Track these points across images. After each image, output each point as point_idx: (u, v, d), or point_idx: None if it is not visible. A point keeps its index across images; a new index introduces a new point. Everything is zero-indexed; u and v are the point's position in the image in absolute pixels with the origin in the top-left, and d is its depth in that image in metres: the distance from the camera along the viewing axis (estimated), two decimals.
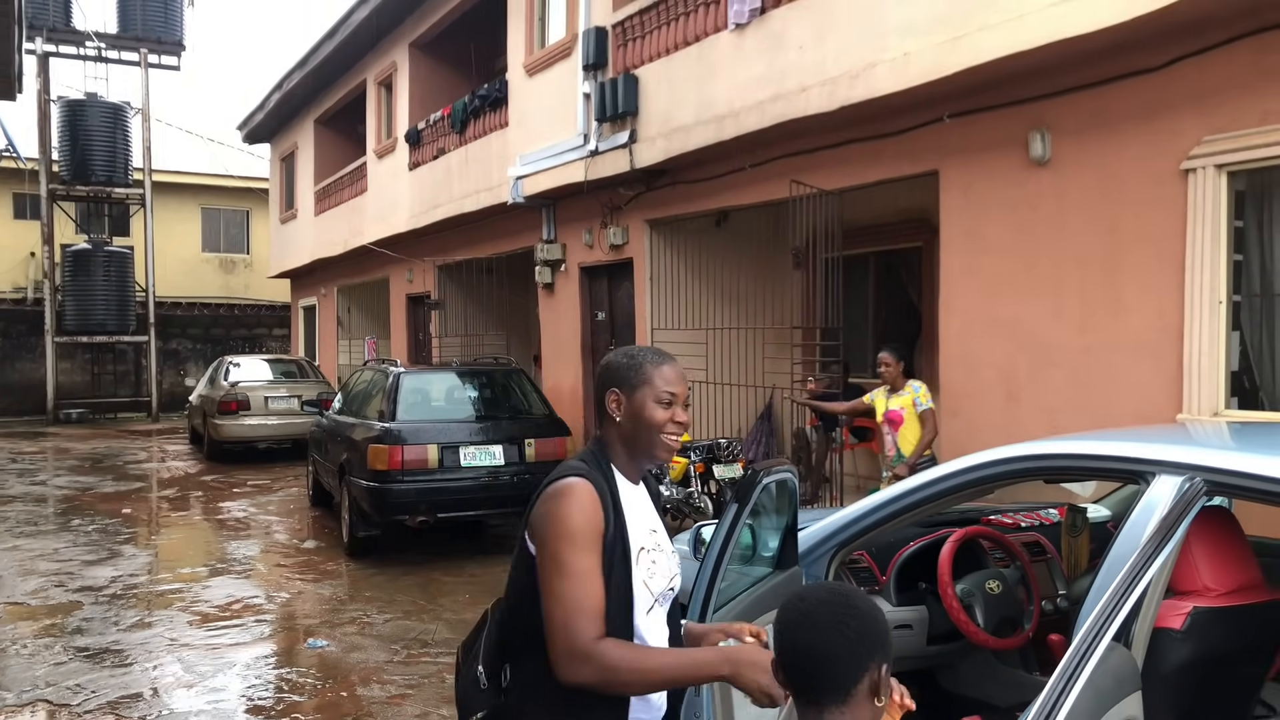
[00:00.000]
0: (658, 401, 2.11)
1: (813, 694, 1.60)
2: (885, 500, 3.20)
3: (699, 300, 10.41)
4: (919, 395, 6.70)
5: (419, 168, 15.06)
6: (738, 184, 9.00)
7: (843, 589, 1.66)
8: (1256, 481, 2.30)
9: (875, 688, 1.60)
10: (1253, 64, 5.19)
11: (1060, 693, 1.83)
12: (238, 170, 28.23)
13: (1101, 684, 1.99)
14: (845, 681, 1.58)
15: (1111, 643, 2.11)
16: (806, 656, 1.59)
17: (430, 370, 10.33)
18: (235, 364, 16.29)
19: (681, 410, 2.13)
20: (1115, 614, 1.95)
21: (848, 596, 1.63)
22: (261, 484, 13.02)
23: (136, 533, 9.98)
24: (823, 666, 1.58)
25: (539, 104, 11.64)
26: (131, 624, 6.70)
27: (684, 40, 9.15)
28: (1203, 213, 5.41)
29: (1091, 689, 1.94)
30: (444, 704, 5.20)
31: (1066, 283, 6.19)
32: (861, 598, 1.65)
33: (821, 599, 1.63)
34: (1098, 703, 1.97)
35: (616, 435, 2.15)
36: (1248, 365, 5.57)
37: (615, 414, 2.13)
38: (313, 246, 20.17)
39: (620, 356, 2.18)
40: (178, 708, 5.21)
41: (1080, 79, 6.01)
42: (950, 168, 7.00)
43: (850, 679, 1.58)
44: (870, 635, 1.60)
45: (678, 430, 2.13)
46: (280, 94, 19.80)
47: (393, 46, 15.91)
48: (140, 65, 22.93)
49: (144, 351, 23.60)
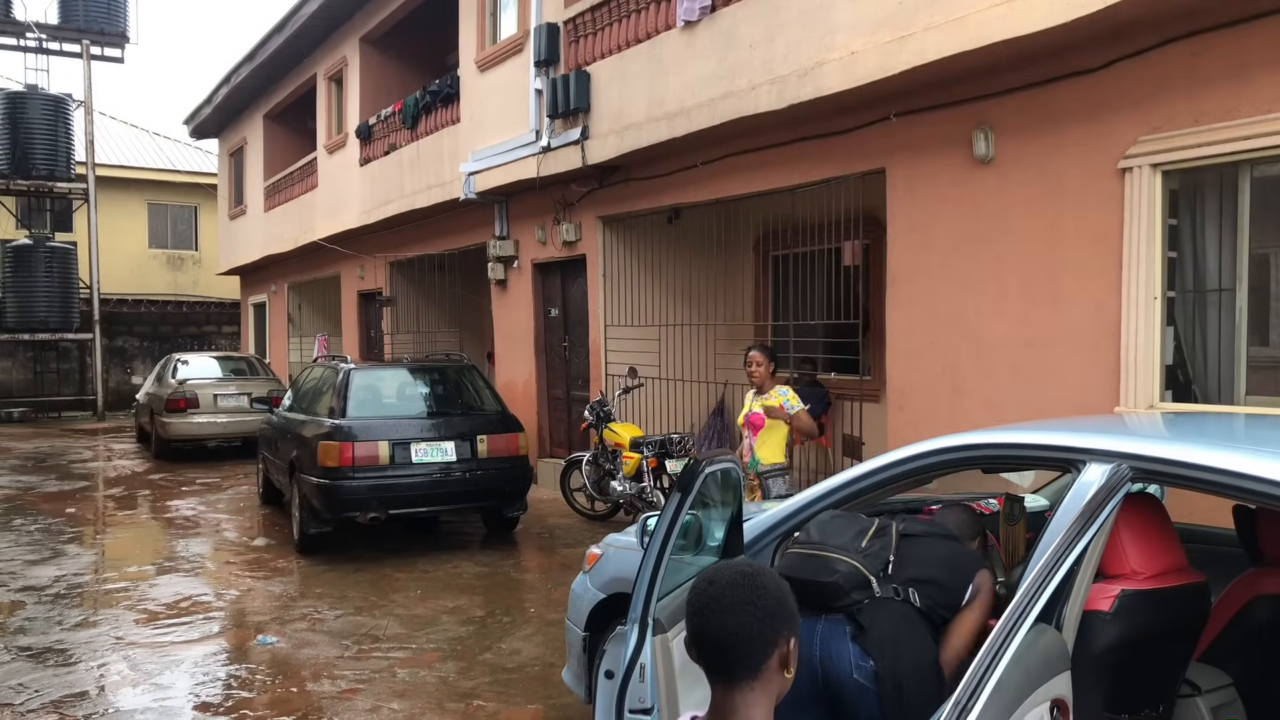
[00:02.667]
0: None
1: (725, 672, 1.65)
2: (828, 490, 3.27)
3: (652, 297, 10.46)
4: (787, 399, 6.53)
5: (370, 163, 14.95)
6: (690, 181, 9.06)
7: (750, 569, 1.70)
8: (1177, 468, 2.40)
9: (785, 660, 1.65)
10: (1186, 66, 5.34)
11: (985, 671, 1.89)
12: (185, 165, 27.85)
13: (1031, 663, 2.07)
14: (756, 659, 1.63)
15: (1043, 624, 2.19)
16: (718, 638, 1.64)
17: (382, 367, 10.28)
18: (183, 361, 16.07)
19: None
20: (1039, 596, 2.02)
21: (755, 576, 1.68)
22: (211, 482, 12.87)
23: (81, 532, 9.82)
24: (734, 647, 1.63)
25: (491, 100, 11.62)
26: (76, 623, 6.61)
27: (636, 37, 9.19)
28: (1139, 211, 5.56)
29: (1021, 668, 2.01)
30: (395, 698, 5.20)
31: (1009, 279, 6.32)
32: (769, 576, 1.70)
33: (730, 581, 1.67)
34: (1026, 681, 2.04)
35: None
36: (1181, 359, 5.73)
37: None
38: (263, 243, 19.94)
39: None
40: (124, 706, 5.16)
41: (1022, 79, 6.14)
42: (897, 166, 7.11)
43: (761, 656, 1.63)
44: (779, 612, 1.65)
45: None
46: (228, 88, 19.54)
47: (343, 41, 15.78)
48: (82, 57, 22.51)
49: (89, 349, 23.18)
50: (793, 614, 1.66)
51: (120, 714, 5.05)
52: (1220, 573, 3.06)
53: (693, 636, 1.69)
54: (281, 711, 5.07)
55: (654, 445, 8.86)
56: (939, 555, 3.05)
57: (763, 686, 1.65)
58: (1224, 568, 3.17)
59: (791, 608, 1.67)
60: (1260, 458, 2.35)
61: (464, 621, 6.57)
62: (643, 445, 8.89)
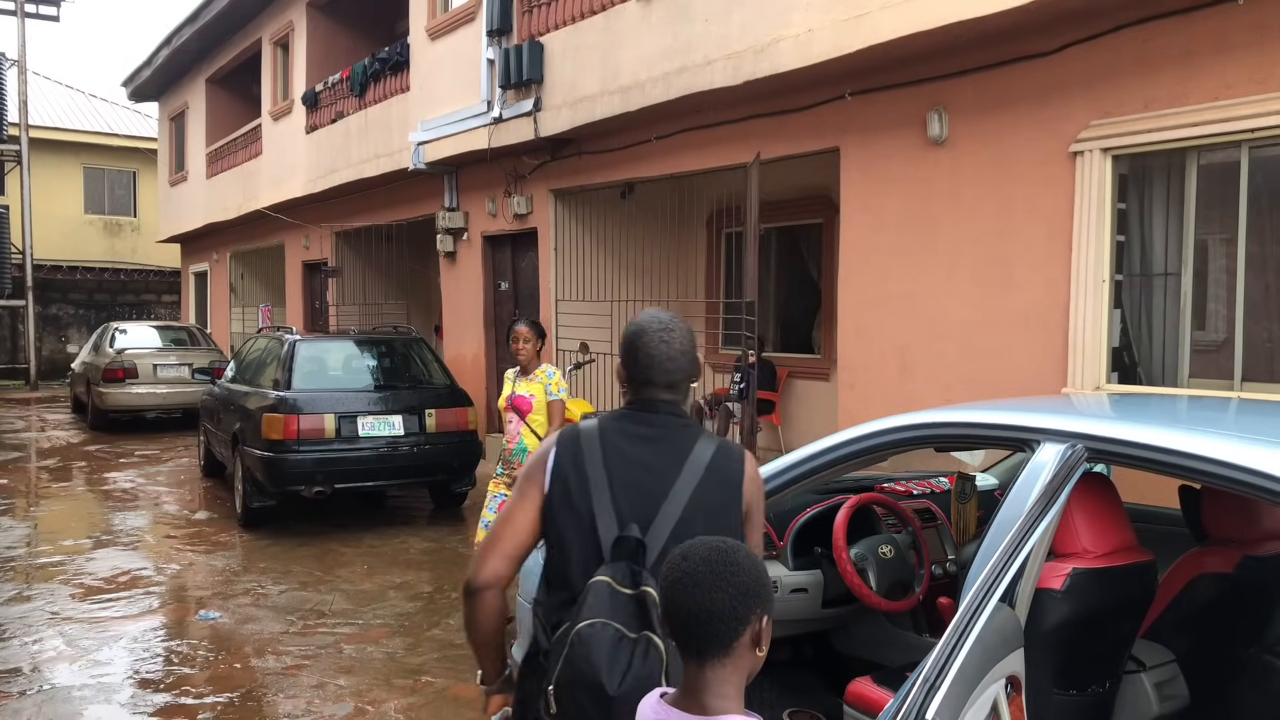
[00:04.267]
0: None
1: (697, 648, 1.63)
2: (782, 468, 3.26)
3: (604, 272, 10.40)
4: (551, 384, 5.92)
5: (316, 131, 14.66)
6: (644, 155, 9.00)
7: (723, 545, 1.68)
8: (1131, 448, 2.42)
9: (757, 638, 1.64)
10: (1137, 52, 5.40)
11: (951, 650, 1.90)
12: (123, 129, 27.09)
13: (989, 641, 2.08)
14: (728, 636, 1.62)
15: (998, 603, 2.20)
16: (691, 614, 1.62)
17: (328, 338, 10.12)
18: (122, 330, 15.72)
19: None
20: (1002, 575, 2.03)
21: (728, 552, 1.66)
22: (150, 454, 12.61)
23: (13, 504, 9.57)
24: (706, 623, 1.61)
25: (442, 69, 11.42)
26: (9, 597, 6.44)
27: (590, 9, 9.08)
28: (1089, 194, 5.62)
29: (979, 646, 2.02)
30: (341, 674, 5.14)
31: (960, 259, 6.37)
32: (742, 552, 1.68)
33: (703, 557, 1.65)
34: (985, 659, 2.05)
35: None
36: (1128, 342, 5.83)
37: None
38: (204, 210, 19.50)
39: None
40: (60, 682, 5.04)
41: (977, 60, 6.17)
42: (851, 145, 7.12)
43: (733, 633, 1.62)
44: (751, 589, 1.63)
45: None
46: (169, 50, 19.02)
47: (289, 5, 15.41)
48: (16, 15, 21.79)
49: (20, 316, 22.55)
50: (766, 591, 1.65)
51: (57, 690, 4.93)
52: (1165, 551, 3.11)
53: (664, 611, 1.68)
54: (224, 688, 4.99)
55: None
56: None
57: (734, 664, 1.64)
58: (1168, 546, 3.22)
59: (766, 585, 1.65)
60: (1209, 438, 2.39)
61: (411, 597, 6.51)
62: None
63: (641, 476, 2.10)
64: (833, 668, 3.86)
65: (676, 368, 2.16)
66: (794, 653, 3.96)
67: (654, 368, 2.14)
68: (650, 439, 2.15)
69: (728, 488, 2.11)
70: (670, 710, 1.66)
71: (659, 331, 2.17)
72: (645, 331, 2.18)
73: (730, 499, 2.11)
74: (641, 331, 2.19)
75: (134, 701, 4.84)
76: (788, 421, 9.82)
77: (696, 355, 2.23)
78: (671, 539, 2.00)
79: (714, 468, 2.11)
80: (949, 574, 3.79)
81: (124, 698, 4.87)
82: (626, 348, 2.22)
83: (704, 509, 2.06)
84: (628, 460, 2.11)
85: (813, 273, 10.10)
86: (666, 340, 2.16)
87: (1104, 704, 2.84)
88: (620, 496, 2.07)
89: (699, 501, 2.06)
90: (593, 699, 1.88)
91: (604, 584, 1.96)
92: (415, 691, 4.95)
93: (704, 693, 1.63)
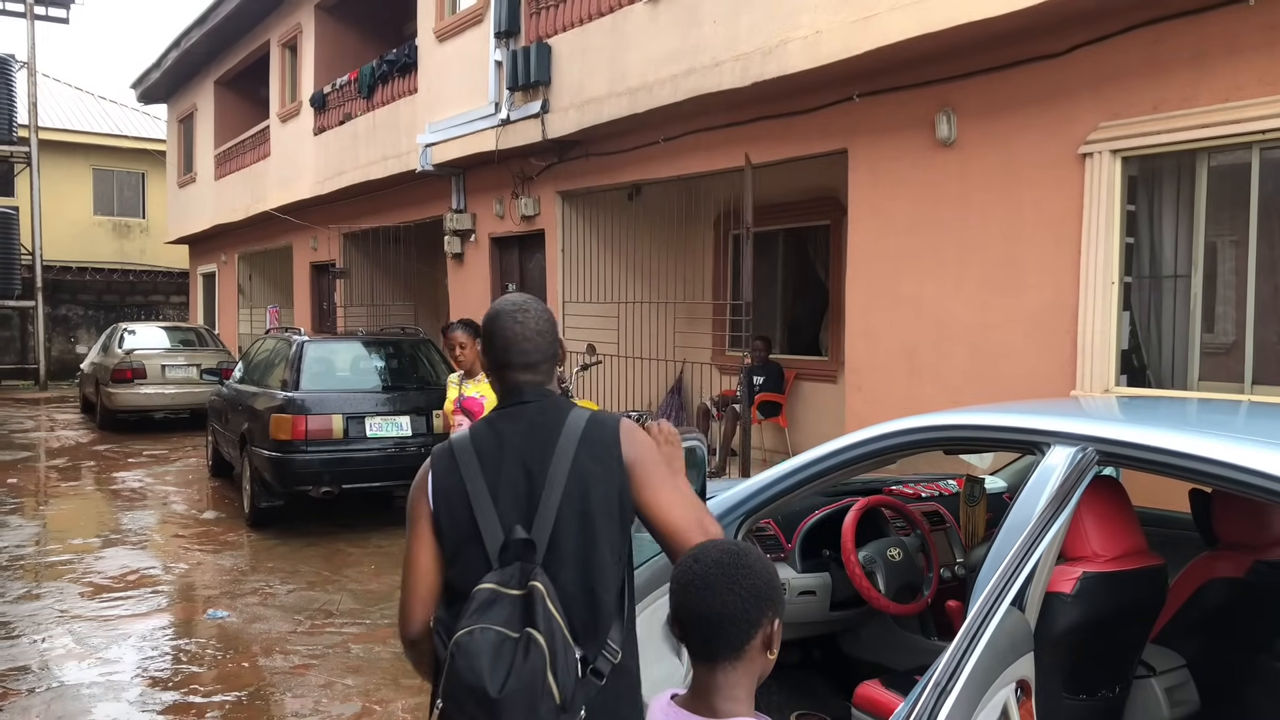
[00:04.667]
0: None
1: (707, 651, 1.63)
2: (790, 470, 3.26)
3: (611, 273, 10.40)
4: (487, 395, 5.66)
5: (324, 133, 14.69)
6: (651, 157, 9.00)
7: (736, 548, 1.68)
8: (1143, 451, 2.40)
9: (768, 641, 1.64)
10: (1147, 53, 5.38)
11: (962, 655, 1.89)
12: (132, 131, 27.17)
13: (998, 645, 2.07)
14: (740, 639, 1.62)
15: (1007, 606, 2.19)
16: (702, 617, 1.62)
17: (335, 339, 10.13)
18: (130, 331, 15.75)
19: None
20: (1014, 580, 2.03)
21: (740, 555, 1.66)
22: (158, 454, 12.64)
23: (23, 503, 9.60)
24: (718, 626, 1.61)
25: (449, 71, 11.44)
26: (18, 595, 6.46)
27: (598, 10, 9.09)
28: (1098, 196, 5.60)
29: (989, 650, 2.02)
30: (349, 674, 5.15)
31: (969, 261, 6.36)
32: (754, 555, 1.68)
33: (715, 559, 1.65)
34: (994, 663, 2.05)
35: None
36: (1136, 344, 5.81)
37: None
38: (213, 212, 19.55)
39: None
40: (69, 680, 5.05)
41: (986, 62, 6.16)
42: (859, 146, 7.11)
43: (745, 636, 1.62)
44: (763, 592, 1.63)
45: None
46: (178, 52, 19.07)
47: (298, 7, 15.45)
48: (26, 16, 21.86)
49: (30, 317, 22.62)
50: (778, 594, 1.65)
51: (66, 688, 4.95)
52: (1176, 555, 3.10)
53: (675, 614, 1.67)
54: (232, 686, 5.00)
55: None
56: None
57: (745, 667, 1.63)
58: (1179, 551, 3.21)
59: (777, 587, 1.65)
60: (1220, 441, 2.38)
61: None
62: None
63: (518, 473, 2.06)
64: (841, 671, 3.85)
65: (534, 348, 2.14)
66: (802, 655, 3.96)
67: (510, 349, 2.12)
68: (521, 431, 2.11)
69: (605, 453, 2.06)
70: (680, 712, 1.65)
71: (513, 313, 2.15)
72: (500, 314, 2.16)
73: (610, 464, 2.05)
74: (497, 315, 2.17)
75: (142, 699, 4.85)
76: (795, 423, 9.81)
77: (557, 336, 2.21)
78: (557, 524, 1.98)
79: (587, 438, 2.07)
80: (957, 577, 3.78)
81: (132, 695, 4.88)
82: (484, 333, 2.21)
83: (584, 481, 2.02)
84: (502, 460, 2.07)
85: (820, 274, 10.09)
86: (520, 321, 2.14)
87: (1114, 709, 2.83)
88: (502, 499, 2.03)
89: (578, 476, 2.02)
90: (477, 703, 1.85)
91: (485, 590, 1.91)
92: (422, 691, 4.95)
93: (714, 695, 1.63)
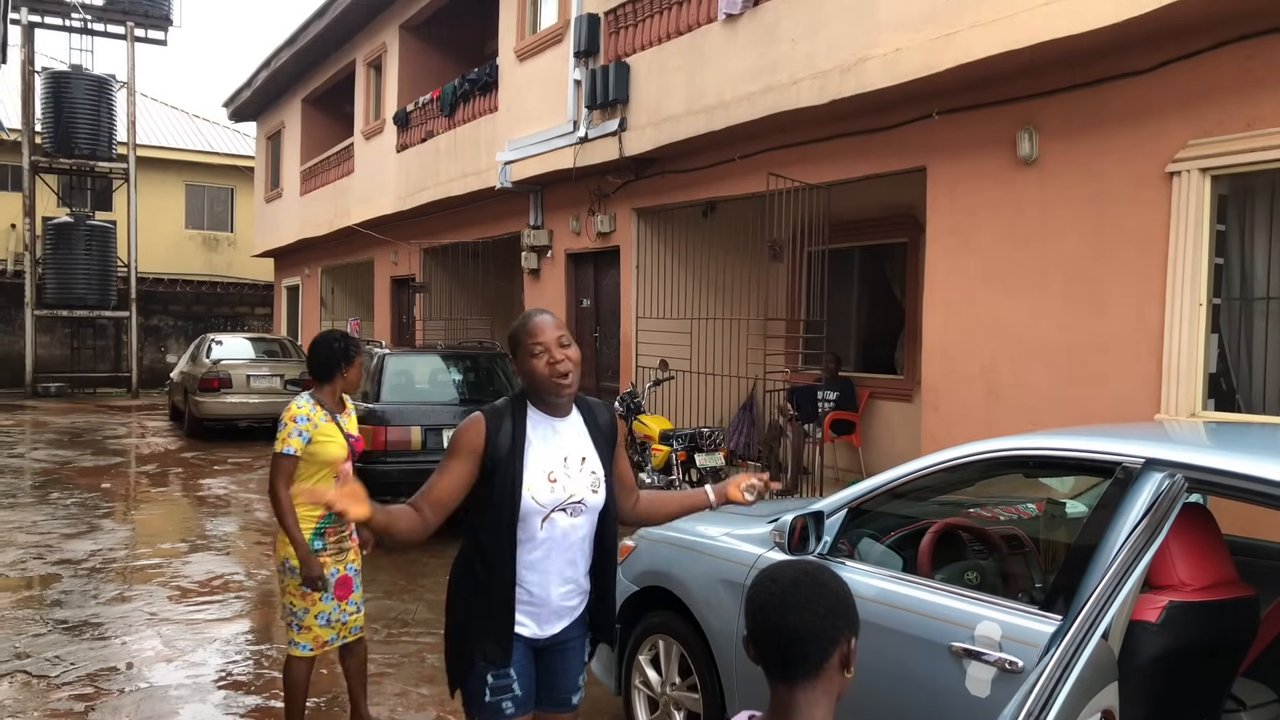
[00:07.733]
0: (531, 355, 2.65)
1: (785, 671, 1.63)
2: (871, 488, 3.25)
3: (684, 290, 10.44)
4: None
5: (407, 150, 15.01)
6: (726, 175, 9.03)
7: (811, 566, 1.68)
8: (1235, 480, 2.35)
9: (845, 660, 1.64)
10: (1239, 69, 5.26)
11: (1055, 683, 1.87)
12: (223, 147, 28.11)
13: (1084, 675, 2.05)
14: (818, 658, 1.62)
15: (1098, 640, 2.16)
16: (780, 636, 1.62)
17: (415, 352, 10.32)
18: (217, 341, 16.21)
19: (558, 350, 2.63)
20: (1105, 611, 1.99)
21: (816, 574, 1.66)
22: (242, 462, 12.99)
23: (115, 507, 9.95)
24: (795, 645, 1.61)
25: (529, 89, 11.62)
26: (110, 597, 6.69)
27: (676, 29, 9.16)
28: (1186, 216, 5.48)
29: (1076, 680, 1.99)
30: (424, 683, 5.23)
31: (1050, 282, 6.25)
32: (830, 574, 1.68)
33: (792, 579, 1.65)
34: (1081, 692, 2.02)
35: (526, 385, 2.75)
36: (1225, 368, 5.65)
37: (516, 372, 2.76)
38: (298, 226, 20.07)
39: (511, 326, 2.76)
40: (156, 681, 5.21)
41: (1069, 79, 6.07)
42: (938, 165, 7.05)
43: (822, 655, 1.62)
44: (840, 611, 1.63)
45: (558, 368, 2.63)
46: (268, 72, 19.67)
47: (383, 27, 15.83)
48: (126, 39, 22.73)
49: (125, 327, 23.44)
50: (854, 612, 1.65)
51: (154, 689, 5.11)
52: (1269, 587, 3.01)
53: (752, 634, 1.68)
54: (312, 692, 5.09)
55: (684, 439, 8.84)
56: None
57: (823, 686, 1.63)
58: (1273, 582, 3.12)
59: (852, 605, 1.65)
60: None
61: None
62: (672, 438, 8.87)
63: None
64: None
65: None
66: None
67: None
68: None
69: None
70: None
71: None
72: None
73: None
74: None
75: (226, 703, 4.98)
76: (869, 443, 9.72)
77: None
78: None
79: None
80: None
81: (217, 699, 5.02)
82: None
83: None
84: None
85: (896, 292, 9.99)
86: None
87: None
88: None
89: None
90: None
91: None
92: None
93: (793, 714, 1.63)
